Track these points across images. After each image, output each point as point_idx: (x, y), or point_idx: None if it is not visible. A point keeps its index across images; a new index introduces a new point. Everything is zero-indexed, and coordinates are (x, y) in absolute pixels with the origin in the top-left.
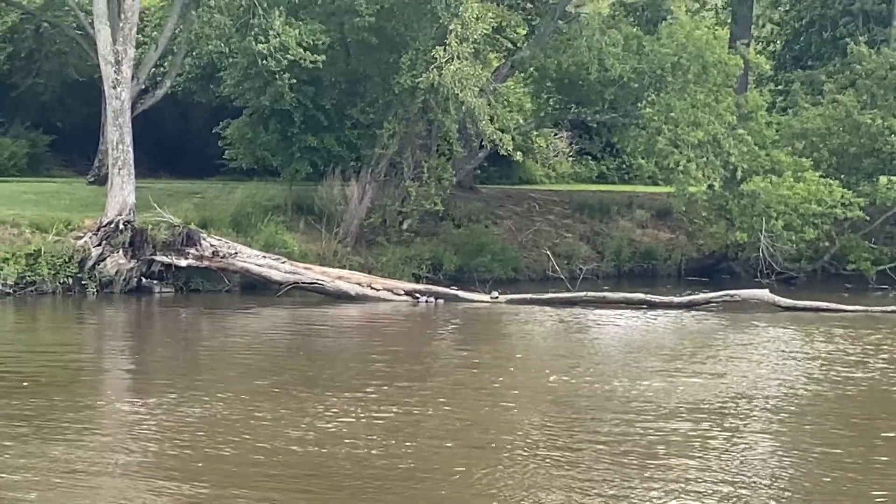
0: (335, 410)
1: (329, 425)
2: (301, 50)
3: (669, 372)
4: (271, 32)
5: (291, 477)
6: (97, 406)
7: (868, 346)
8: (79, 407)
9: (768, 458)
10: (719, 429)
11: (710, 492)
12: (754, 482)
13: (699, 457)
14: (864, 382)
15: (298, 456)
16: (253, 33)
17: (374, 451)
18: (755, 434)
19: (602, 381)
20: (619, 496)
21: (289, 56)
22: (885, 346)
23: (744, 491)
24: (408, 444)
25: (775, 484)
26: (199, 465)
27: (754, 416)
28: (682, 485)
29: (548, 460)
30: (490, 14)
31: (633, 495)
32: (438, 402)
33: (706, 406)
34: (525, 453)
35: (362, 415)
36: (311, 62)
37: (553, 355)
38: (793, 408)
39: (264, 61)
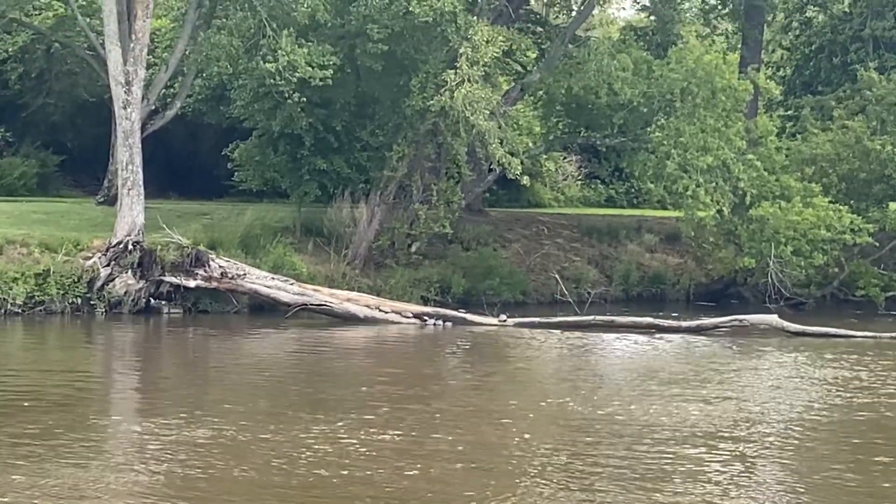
0: (342, 433)
1: (334, 447)
2: (310, 68)
3: (677, 397)
4: (280, 52)
5: (296, 500)
6: (105, 427)
7: (876, 373)
8: (86, 427)
9: (774, 484)
10: (727, 454)
11: None
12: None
13: (705, 482)
14: (871, 409)
15: (304, 478)
16: (261, 54)
17: (381, 472)
18: (762, 460)
19: (609, 405)
20: None
21: (297, 74)
22: (894, 373)
23: None
24: (415, 466)
25: None
26: (205, 486)
27: (761, 441)
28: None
29: (555, 484)
30: (500, 37)
31: None
32: (446, 424)
33: (714, 431)
34: (533, 477)
35: (369, 437)
36: (320, 79)
37: (561, 379)
38: (800, 434)
39: (272, 80)
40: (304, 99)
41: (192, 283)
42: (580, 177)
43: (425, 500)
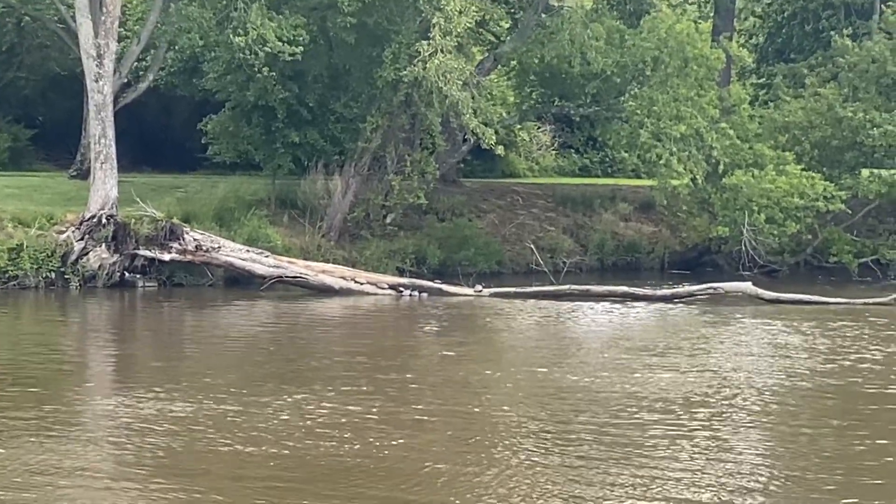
0: (319, 405)
1: (311, 419)
2: (280, 43)
3: (653, 365)
4: (249, 25)
5: (271, 472)
6: (81, 401)
7: (850, 339)
8: (62, 402)
9: (750, 450)
10: (703, 421)
11: (690, 483)
12: (736, 474)
13: (681, 449)
14: (846, 375)
15: (279, 451)
16: (232, 26)
17: (357, 444)
18: (738, 427)
19: (586, 374)
20: (600, 488)
21: (266, 48)
22: (865, 338)
23: (727, 482)
24: (392, 437)
25: (757, 478)
26: (181, 460)
27: (737, 408)
28: (663, 476)
29: (533, 451)
30: (473, 7)
31: (615, 488)
32: (423, 395)
33: (690, 399)
34: (510, 446)
35: (346, 408)
36: (290, 55)
37: (536, 349)
38: (775, 400)
39: (241, 54)
40: (275, 73)
41: (166, 257)
42: (554, 146)
43: (403, 469)
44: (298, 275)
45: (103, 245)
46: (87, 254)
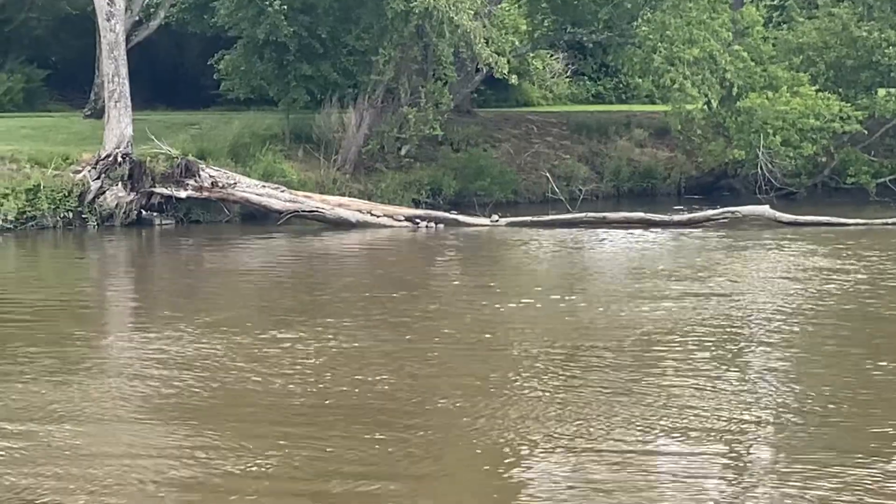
0: (335, 339)
1: (327, 354)
2: None
3: (673, 291)
4: None
5: (284, 413)
6: (98, 340)
7: (869, 260)
8: (80, 341)
9: (763, 376)
10: (719, 347)
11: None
12: (751, 404)
13: (693, 373)
14: (864, 297)
15: (295, 389)
16: None
17: (380, 376)
18: (754, 352)
19: (604, 302)
20: (609, 418)
21: None
22: (886, 260)
23: (743, 415)
24: (405, 369)
25: (772, 408)
26: (189, 399)
27: (755, 333)
28: (676, 406)
29: (549, 380)
30: None
31: (620, 419)
32: (441, 327)
33: (709, 324)
34: (526, 375)
35: (361, 344)
36: None
37: (555, 277)
38: (792, 324)
39: None
40: (286, 6)
41: (182, 194)
42: (568, 74)
43: (413, 402)
44: (315, 209)
45: (119, 184)
46: (103, 193)
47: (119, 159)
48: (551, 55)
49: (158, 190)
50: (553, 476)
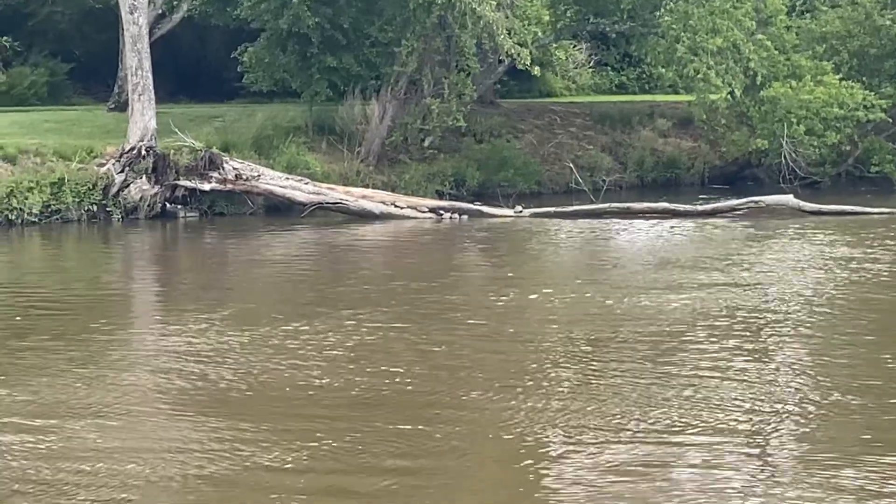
0: (367, 329)
1: (344, 349)
2: None
3: (697, 281)
4: None
5: (311, 406)
6: (124, 332)
7: (894, 248)
8: (106, 334)
9: (787, 364)
10: (745, 336)
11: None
12: (774, 395)
13: (723, 367)
14: (891, 286)
15: (321, 382)
16: None
17: (396, 367)
18: (779, 340)
19: (627, 292)
20: (633, 408)
21: None
22: None
23: (764, 406)
24: (428, 360)
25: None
26: (230, 392)
27: (780, 322)
28: (701, 396)
29: (575, 374)
30: None
31: (644, 410)
32: (465, 318)
33: (734, 314)
34: (551, 364)
35: (386, 335)
36: None
37: (580, 268)
38: (817, 313)
39: None
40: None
41: (206, 186)
42: (591, 64)
43: (438, 393)
44: (338, 200)
45: (144, 177)
46: (127, 186)
47: (143, 152)
48: (574, 45)
49: (182, 183)
50: (578, 467)
